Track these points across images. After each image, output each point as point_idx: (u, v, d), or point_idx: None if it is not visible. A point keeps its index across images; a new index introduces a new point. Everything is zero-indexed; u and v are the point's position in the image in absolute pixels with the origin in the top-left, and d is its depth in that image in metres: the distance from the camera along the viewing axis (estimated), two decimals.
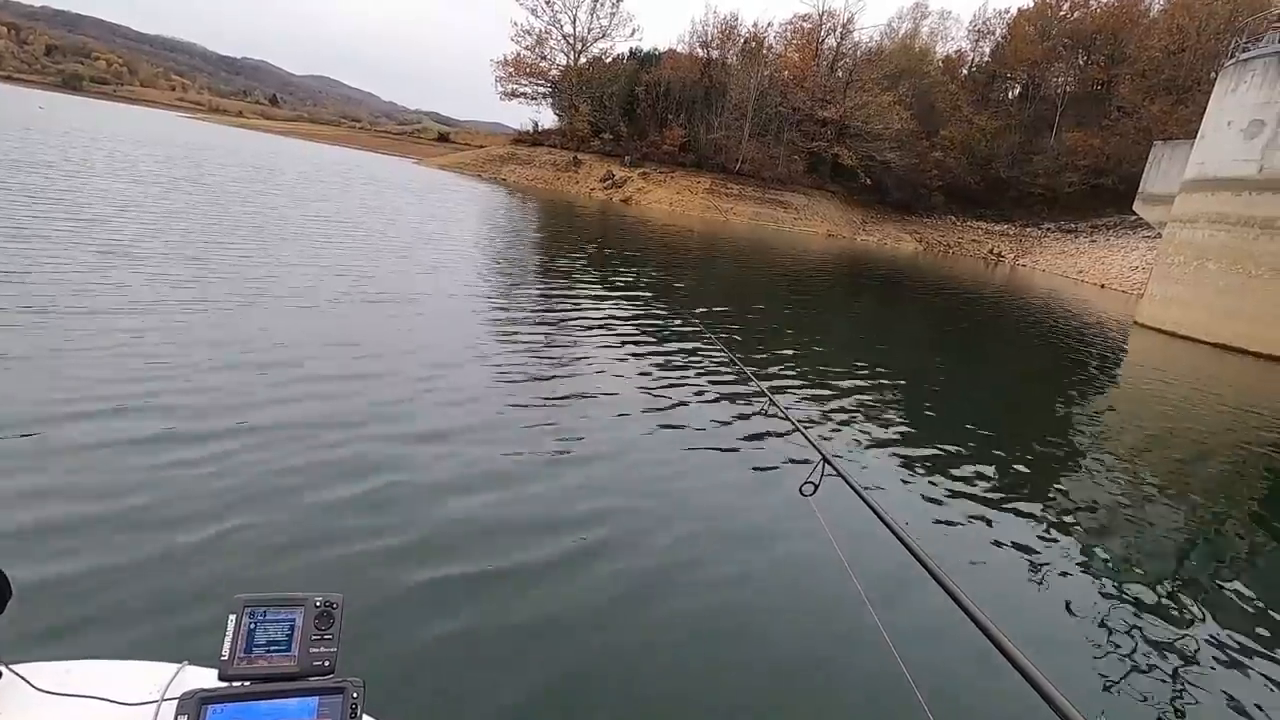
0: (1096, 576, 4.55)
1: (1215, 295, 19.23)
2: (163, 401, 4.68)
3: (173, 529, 3.36)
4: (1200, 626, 4.11)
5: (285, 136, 72.18)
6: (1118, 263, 40.52)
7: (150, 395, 4.74)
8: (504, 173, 53.14)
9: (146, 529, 3.34)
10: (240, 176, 21.68)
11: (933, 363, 11.75)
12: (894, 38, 62.01)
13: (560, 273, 13.89)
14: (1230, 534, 5.99)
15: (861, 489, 1.71)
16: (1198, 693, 3.45)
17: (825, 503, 1.92)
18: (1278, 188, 17.96)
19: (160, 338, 5.88)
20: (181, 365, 5.37)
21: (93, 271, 7.53)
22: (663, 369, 7.73)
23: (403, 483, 4.19)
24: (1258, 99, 18.72)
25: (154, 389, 4.84)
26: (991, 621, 1.22)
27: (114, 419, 4.32)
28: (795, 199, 51.30)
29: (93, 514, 3.39)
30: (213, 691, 1.02)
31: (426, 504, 4.01)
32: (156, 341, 5.78)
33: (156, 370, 5.19)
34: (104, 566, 3.03)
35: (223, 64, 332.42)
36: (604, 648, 3.10)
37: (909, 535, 1.57)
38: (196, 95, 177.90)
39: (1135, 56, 50.95)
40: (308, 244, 11.70)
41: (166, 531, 3.33)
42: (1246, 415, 10.88)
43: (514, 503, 4.22)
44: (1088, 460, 7.29)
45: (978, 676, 3.07)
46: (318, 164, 35.60)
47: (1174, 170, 26.15)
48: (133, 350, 5.49)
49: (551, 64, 58.18)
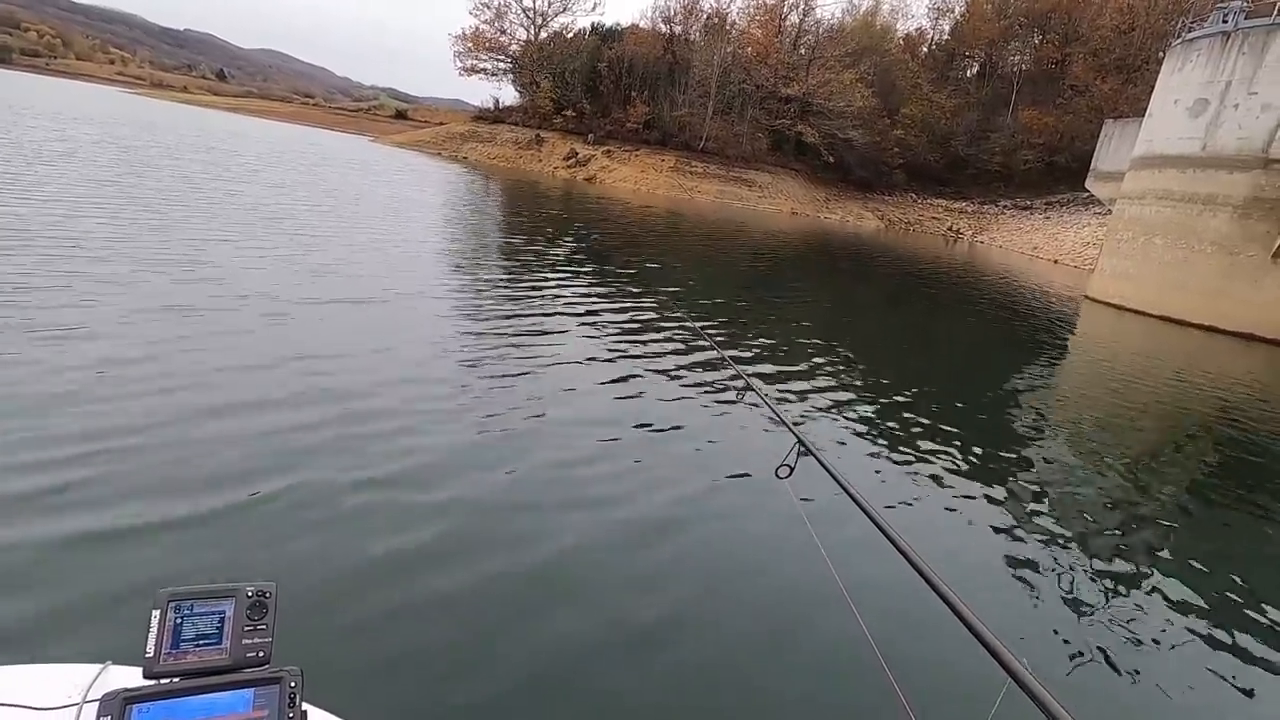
0: (1050, 542, 4.74)
1: (1161, 270, 19.95)
2: (93, 399, 4.51)
3: (92, 522, 3.20)
4: (1143, 582, 4.33)
5: (235, 113, 69.34)
6: (1070, 239, 41.69)
7: (74, 393, 4.57)
8: (465, 151, 52.05)
9: (61, 523, 3.18)
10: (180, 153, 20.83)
11: (898, 341, 11.99)
12: (855, 15, 62.16)
13: (528, 255, 13.72)
14: (1171, 496, 6.28)
15: (834, 469, 1.74)
16: (1135, 642, 3.65)
17: (801, 484, 1.95)
18: (1220, 165, 18.64)
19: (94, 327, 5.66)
20: (106, 357, 5.18)
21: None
22: (638, 352, 7.71)
23: (349, 465, 4.10)
24: (1202, 78, 19.31)
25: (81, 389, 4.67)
26: (952, 590, 1.28)
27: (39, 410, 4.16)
28: (760, 177, 51.38)
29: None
30: (137, 690, 0.98)
31: (376, 487, 3.92)
32: (87, 334, 5.56)
33: (82, 369, 5.00)
34: (11, 563, 2.88)
35: (165, 36, 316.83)
36: (567, 625, 3.09)
37: (876, 511, 1.63)
38: (138, 69, 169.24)
39: (1088, 36, 52.02)
40: (261, 229, 11.33)
41: (84, 526, 3.17)
42: (1188, 386, 11.37)
43: (479, 484, 4.18)
44: (1042, 431, 7.56)
45: (939, 642, 3.16)
46: (271, 142, 34.37)
47: (1124, 148, 26.88)
48: (53, 339, 5.28)
49: (512, 39, 57.04)
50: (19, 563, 2.91)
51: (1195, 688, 3.45)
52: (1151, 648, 3.69)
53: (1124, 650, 3.60)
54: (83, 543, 3.08)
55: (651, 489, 4.53)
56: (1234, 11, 19.21)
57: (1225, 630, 3.94)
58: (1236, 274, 18.23)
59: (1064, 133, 49.19)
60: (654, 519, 4.16)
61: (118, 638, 2.44)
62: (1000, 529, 4.83)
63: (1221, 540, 5.55)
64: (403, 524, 3.62)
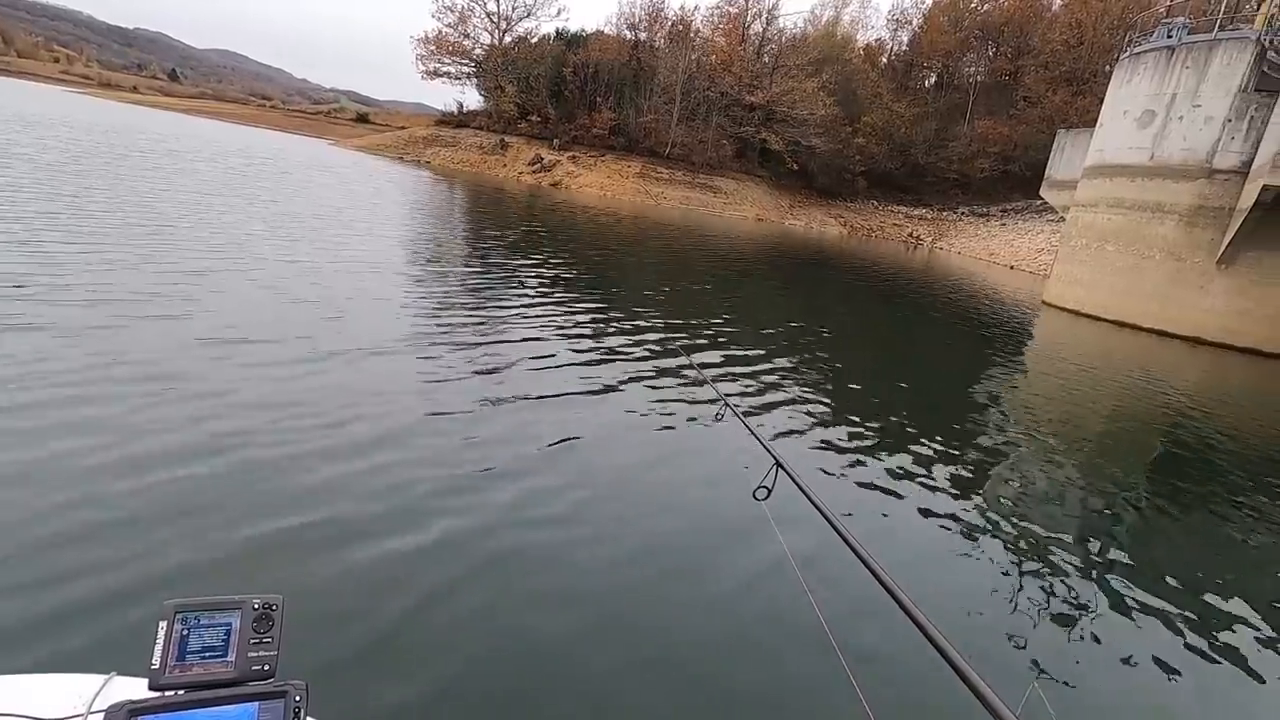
0: (1022, 557, 4.72)
1: (1114, 275, 20.56)
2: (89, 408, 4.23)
3: (97, 535, 3.17)
4: (1098, 581, 4.34)
5: (189, 115, 67.26)
6: (1026, 245, 42.88)
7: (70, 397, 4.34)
8: (427, 155, 51.37)
9: (69, 535, 3.15)
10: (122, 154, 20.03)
11: (866, 351, 12.08)
12: (817, 25, 63.22)
13: (497, 265, 13.42)
14: (1125, 495, 6.36)
15: (811, 492, 1.62)
16: (1094, 642, 3.63)
17: (778, 506, 1.83)
18: (1167, 174, 19.31)
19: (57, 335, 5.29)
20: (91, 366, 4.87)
21: None
22: (615, 371, 7.43)
23: (344, 482, 4.00)
24: (1149, 90, 20.00)
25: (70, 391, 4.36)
26: (926, 616, 1.27)
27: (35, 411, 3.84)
28: (725, 184, 51.80)
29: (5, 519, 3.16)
30: (142, 702, 0.96)
31: (371, 502, 3.89)
32: (57, 346, 5.20)
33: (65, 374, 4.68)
34: (20, 575, 2.84)
35: (113, 34, 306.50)
36: (553, 645, 3.04)
37: (852, 535, 1.57)
38: (84, 68, 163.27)
39: (1039, 49, 53.75)
40: (213, 234, 10.89)
41: (91, 538, 3.15)
42: (1140, 387, 11.66)
43: (463, 508, 4.03)
44: (1005, 436, 7.62)
45: (913, 668, 3.07)
46: (216, 146, 33.35)
47: (1076, 157, 27.73)
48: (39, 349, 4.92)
49: (475, 43, 56.56)
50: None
51: (1169, 691, 3.43)
52: (1121, 658, 3.67)
53: (1091, 659, 3.57)
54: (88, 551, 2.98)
55: (627, 513, 4.38)
56: (1178, 27, 19.96)
57: (1186, 633, 3.95)
58: (1183, 280, 18.88)
59: (1018, 142, 50.66)
60: (630, 544, 4.01)
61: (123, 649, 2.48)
62: (967, 537, 4.82)
63: (1178, 541, 5.62)
64: (405, 540, 3.61)
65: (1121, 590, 4.37)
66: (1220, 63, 18.24)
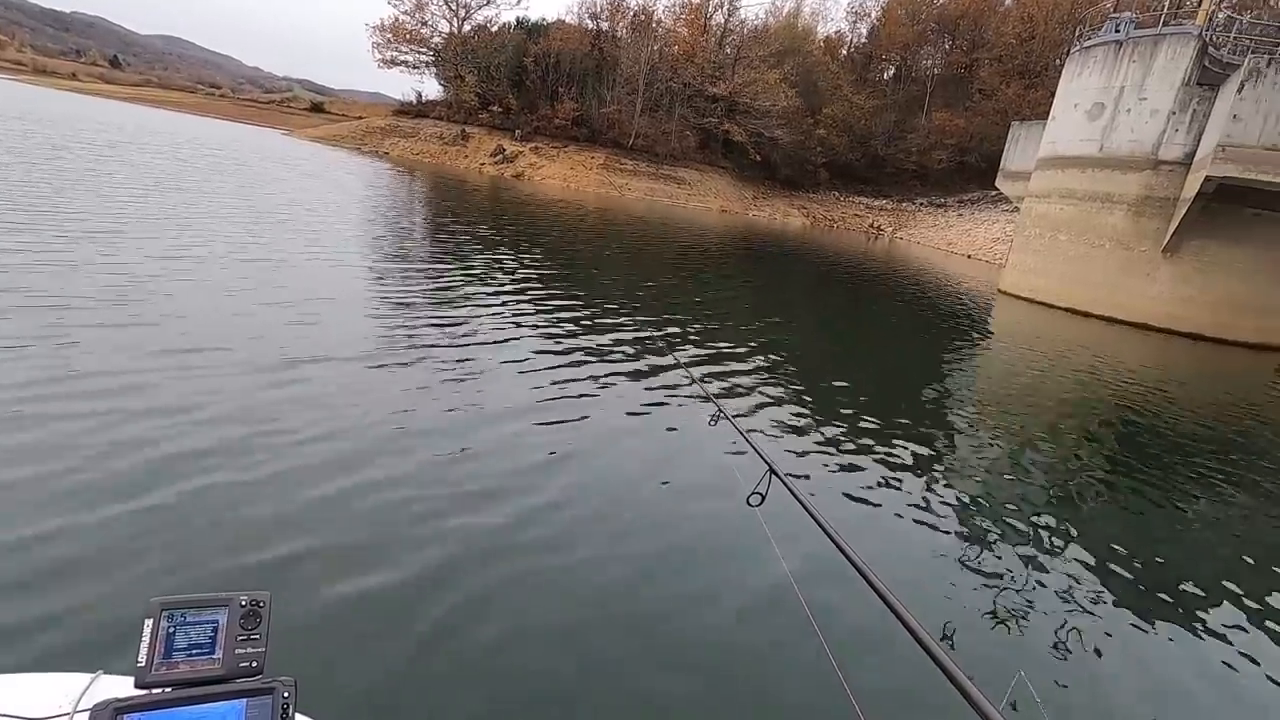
0: (1005, 554, 4.84)
1: (1066, 264, 21.22)
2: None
3: (84, 532, 3.15)
4: (1067, 569, 4.49)
5: (133, 103, 64.58)
6: (982, 235, 43.96)
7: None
8: (386, 146, 50.29)
9: (52, 533, 3.13)
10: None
11: (834, 342, 12.27)
12: (779, 17, 63.61)
13: (468, 263, 13.08)
14: (1083, 478, 6.58)
15: (804, 498, 1.65)
16: (1059, 625, 3.77)
17: (771, 513, 1.85)
18: (1116, 165, 19.97)
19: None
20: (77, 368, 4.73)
21: None
22: (598, 371, 7.25)
23: (329, 480, 4.01)
24: (1098, 83, 20.62)
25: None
26: (917, 620, 1.29)
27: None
28: (689, 175, 51.87)
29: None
30: (129, 700, 0.96)
31: (359, 500, 3.89)
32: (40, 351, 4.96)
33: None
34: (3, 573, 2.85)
35: (48, 18, 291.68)
36: (542, 647, 3.04)
37: (845, 541, 1.58)
38: (17, 54, 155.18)
39: (993, 42, 54.98)
40: (164, 233, 10.50)
41: (77, 535, 3.13)
42: (1091, 373, 12.09)
43: (452, 509, 4.00)
44: (977, 430, 7.82)
45: (905, 673, 3.11)
46: (156, 132, 32.11)
47: (1030, 149, 28.44)
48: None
49: (434, 31, 55.40)
50: None
51: (1153, 676, 3.58)
52: (1094, 648, 3.81)
53: (1075, 646, 3.71)
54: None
55: (622, 530, 4.25)
56: (1125, 22, 20.60)
57: (1156, 621, 4.13)
58: (1132, 268, 19.58)
59: (974, 134, 51.81)
60: (625, 569, 3.87)
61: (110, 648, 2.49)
62: (956, 539, 4.92)
63: (1134, 523, 5.86)
64: (395, 538, 3.63)
65: (1100, 576, 4.53)
66: (1165, 57, 18.90)
